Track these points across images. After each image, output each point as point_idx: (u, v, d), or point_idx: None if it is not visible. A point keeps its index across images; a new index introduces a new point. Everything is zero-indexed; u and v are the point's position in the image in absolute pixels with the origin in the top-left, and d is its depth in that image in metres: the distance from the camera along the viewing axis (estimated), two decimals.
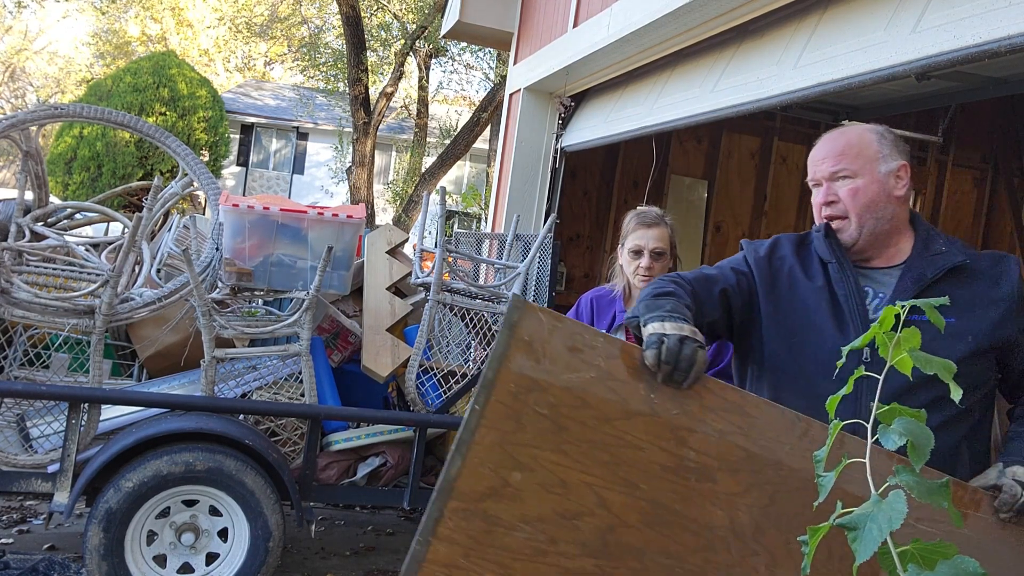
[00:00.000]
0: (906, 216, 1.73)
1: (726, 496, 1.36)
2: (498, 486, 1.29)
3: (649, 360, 1.36)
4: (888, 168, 1.70)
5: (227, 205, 3.36)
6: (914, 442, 0.81)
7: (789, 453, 1.39)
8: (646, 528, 1.33)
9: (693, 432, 1.37)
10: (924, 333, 1.55)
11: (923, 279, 1.64)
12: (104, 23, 26.35)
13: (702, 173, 6.98)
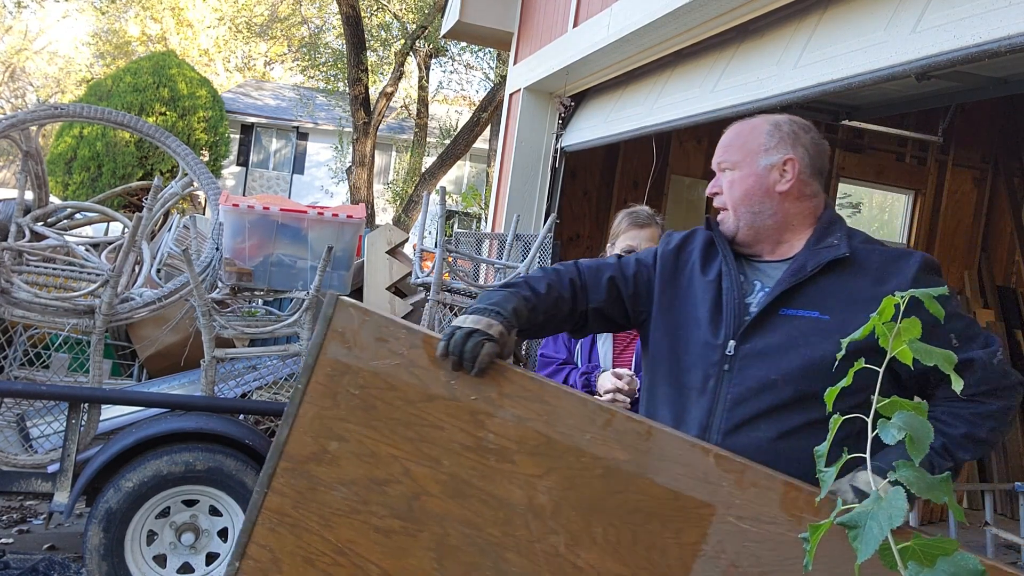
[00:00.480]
0: (803, 211, 1.65)
1: (525, 477, 1.49)
2: (319, 452, 1.54)
3: (438, 351, 1.50)
4: (769, 162, 1.64)
5: (227, 205, 3.36)
6: (913, 436, 0.81)
7: (590, 442, 1.49)
8: (447, 499, 1.51)
9: (491, 416, 1.52)
10: (795, 328, 1.55)
11: (802, 272, 1.58)
12: (104, 23, 26.35)
13: (702, 173, 6.98)
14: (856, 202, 8.02)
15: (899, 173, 7.43)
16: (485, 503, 1.50)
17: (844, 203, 7.75)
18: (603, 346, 2.49)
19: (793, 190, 1.63)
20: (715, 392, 1.59)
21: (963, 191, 7.55)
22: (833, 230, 1.63)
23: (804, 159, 1.64)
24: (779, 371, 1.55)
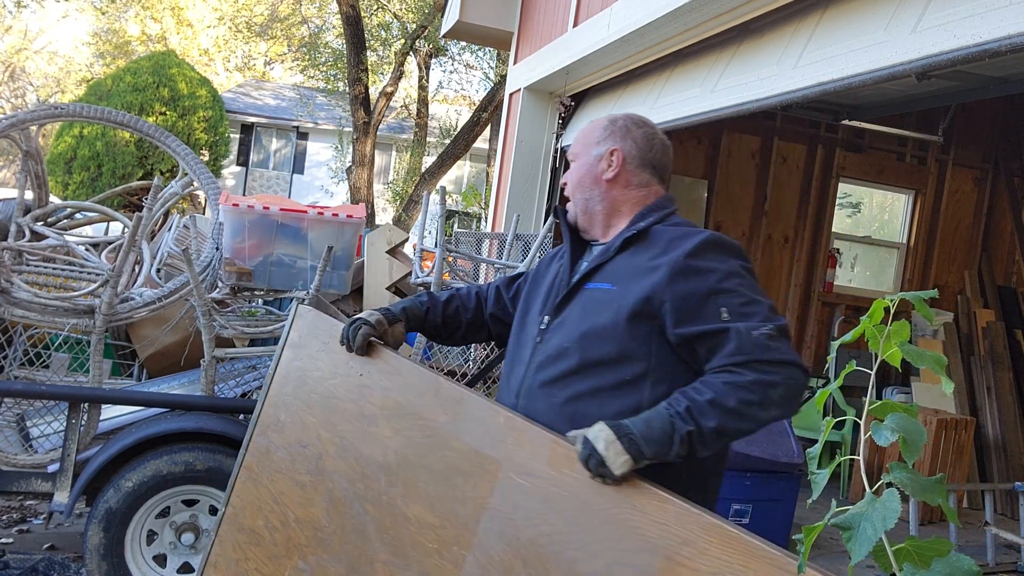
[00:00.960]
0: (630, 198, 1.77)
1: (382, 438, 1.79)
2: (274, 422, 2.03)
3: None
4: (598, 152, 1.79)
5: (227, 205, 3.36)
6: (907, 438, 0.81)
7: (426, 407, 1.74)
8: (337, 458, 1.86)
9: (370, 389, 1.86)
10: (590, 300, 1.68)
11: (609, 251, 1.71)
12: (104, 23, 26.35)
13: (702, 173, 6.98)
14: (856, 202, 8.01)
15: (899, 173, 7.42)
16: (357, 461, 1.82)
17: (844, 203, 7.75)
18: None
19: (619, 178, 1.77)
20: (528, 361, 1.75)
21: (963, 191, 7.54)
22: (649, 215, 1.74)
23: (631, 151, 1.77)
24: (570, 339, 1.68)
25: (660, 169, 1.80)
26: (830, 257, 7.29)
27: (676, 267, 1.58)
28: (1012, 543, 4.70)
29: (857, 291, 7.52)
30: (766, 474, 4.43)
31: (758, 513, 4.46)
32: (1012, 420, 6.24)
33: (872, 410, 0.87)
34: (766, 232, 7.09)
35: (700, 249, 1.60)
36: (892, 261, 7.66)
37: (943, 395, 6.05)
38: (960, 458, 5.55)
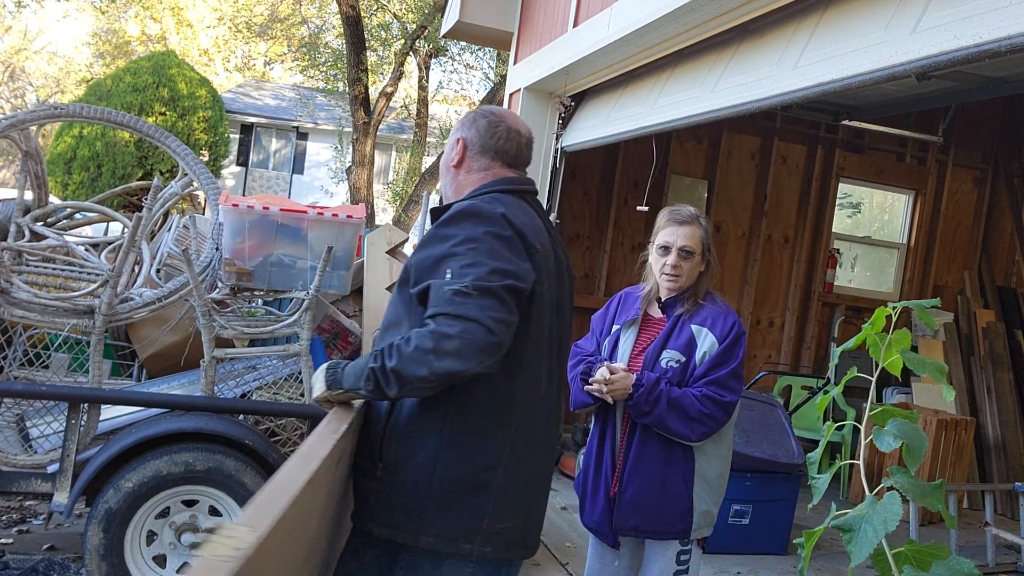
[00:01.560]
0: (471, 182, 1.88)
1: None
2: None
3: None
4: (450, 142, 1.94)
5: (227, 205, 3.36)
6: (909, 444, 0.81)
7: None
8: None
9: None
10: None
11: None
12: (104, 23, 26.34)
13: (702, 173, 6.98)
14: (856, 202, 8.01)
15: (899, 173, 7.42)
16: None
17: (844, 203, 7.75)
18: (624, 344, 2.54)
19: (463, 165, 1.89)
20: None
21: (963, 191, 7.54)
22: (473, 194, 1.83)
23: (473, 139, 1.88)
24: (396, 316, 1.81)
25: (505, 154, 1.89)
26: (830, 257, 7.29)
27: (427, 235, 1.73)
28: (1012, 543, 4.70)
29: (857, 291, 7.52)
30: (766, 474, 4.43)
31: (758, 513, 4.46)
32: (1012, 420, 6.24)
33: (873, 416, 0.87)
34: (766, 232, 7.09)
35: (451, 218, 1.72)
36: (892, 261, 7.66)
37: (943, 396, 6.04)
38: (960, 459, 5.55)
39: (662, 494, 2.39)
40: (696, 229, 2.49)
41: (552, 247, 1.85)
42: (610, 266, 6.72)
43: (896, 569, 0.75)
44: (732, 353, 2.38)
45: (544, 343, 1.78)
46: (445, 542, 1.66)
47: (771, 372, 6.48)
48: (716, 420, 2.33)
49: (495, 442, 1.69)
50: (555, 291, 1.82)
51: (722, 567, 4.30)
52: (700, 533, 2.47)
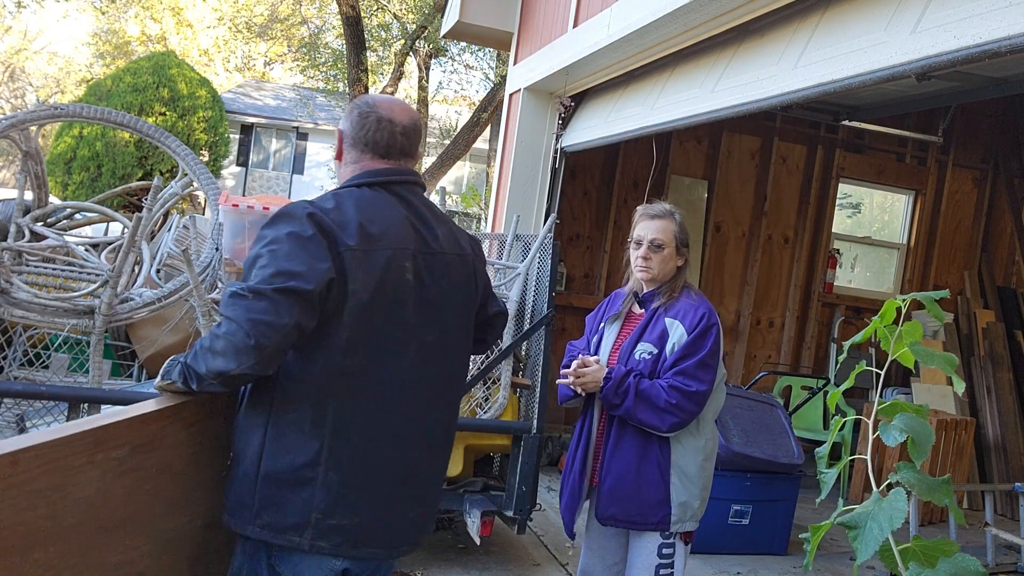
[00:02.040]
0: (345, 173, 1.91)
1: None
2: None
3: None
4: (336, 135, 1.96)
5: (227, 205, 3.36)
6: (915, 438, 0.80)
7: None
8: None
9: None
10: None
11: None
12: (104, 23, 26.34)
13: (702, 173, 6.98)
14: (856, 202, 8.01)
15: (899, 173, 7.42)
16: None
17: (844, 203, 7.75)
18: (606, 339, 2.63)
19: (342, 157, 1.91)
20: None
21: (963, 191, 7.54)
22: (338, 188, 1.88)
23: (347, 131, 1.89)
24: None
25: (376, 145, 1.86)
26: (830, 258, 7.29)
27: (255, 237, 1.79)
28: (1012, 543, 4.70)
29: (857, 291, 7.52)
30: (766, 474, 4.43)
31: (758, 513, 4.46)
32: (1012, 421, 6.24)
33: (881, 410, 0.87)
34: (766, 232, 7.09)
35: (271, 219, 1.79)
36: (892, 261, 7.66)
37: (943, 396, 6.04)
38: (960, 459, 5.55)
39: (638, 484, 2.43)
40: (668, 223, 2.55)
41: (426, 240, 1.82)
42: (610, 266, 6.72)
43: (903, 565, 0.74)
44: (700, 344, 2.41)
45: (394, 338, 1.75)
46: (273, 533, 1.69)
47: (771, 372, 6.48)
48: (685, 410, 2.37)
49: (313, 439, 1.69)
50: (421, 286, 1.79)
51: (722, 567, 4.30)
52: (682, 527, 2.46)
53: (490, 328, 2.10)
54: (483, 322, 2.05)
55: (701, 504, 2.49)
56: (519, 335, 3.78)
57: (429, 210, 1.89)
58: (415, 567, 3.84)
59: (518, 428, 3.63)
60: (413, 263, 1.77)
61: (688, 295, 2.54)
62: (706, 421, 2.48)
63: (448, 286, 1.85)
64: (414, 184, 1.89)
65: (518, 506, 3.58)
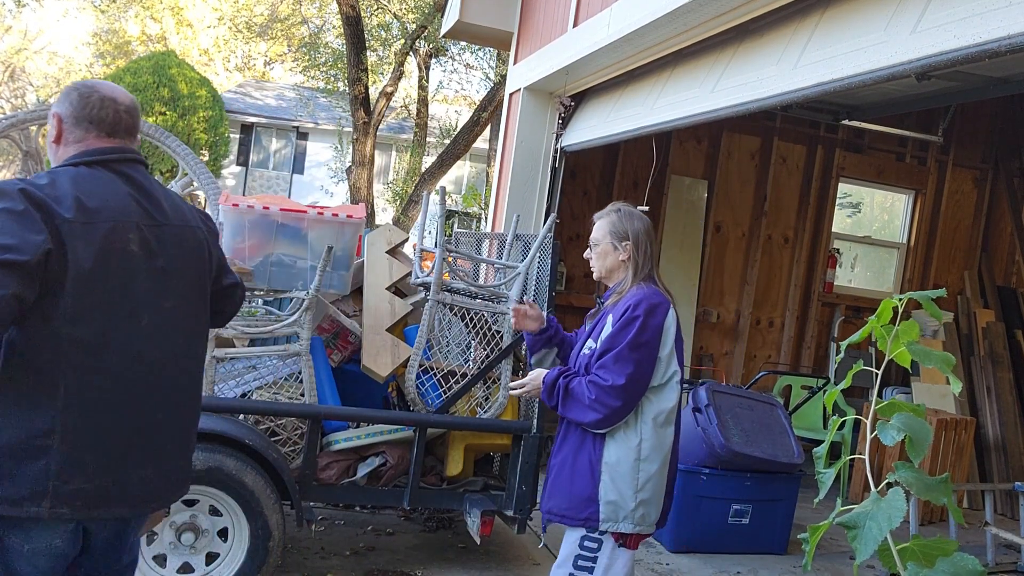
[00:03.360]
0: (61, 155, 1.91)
1: None
2: None
3: None
4: (49, 121, 1.94)
5: (227, 205, 3.36)
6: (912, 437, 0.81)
7: None
8: None
9: None
10: None
11: None
12: (104, 23, 26.34)
13: (702, 173, 6.98)
14: (856, 202, 8.01)
15: (899, 173, 7.43)
16: None
17: (844, 203, 7.75)
18: (579, 339, 2.66)
19: (61, 139, 1.90)
20: None
21: (963, 191, 7.55)
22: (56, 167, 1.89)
23: (67, 112, 1.89)
24: None
25: (101, 123, 1.90)
26: (830, 257, 7.30)
27: None
28: (1012, 543, 4.70)
29: (857, 291, 7.52)
30: (766, 474, 4.43)
31: (758, 513, 4.46)
32: (1012, 420, 6.24)
33: (879, 409, 0.87)
34: (766, 232, 7.09)
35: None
36: (892, 261, 7.66)
37: (942, 395, 6.05)
38: (960, 458, 5.55)
39: (571, 479, 2.42)
40: (604, 220, 2.56)
41: (150, 213, 1.88)
42: None
43: (902, 565, 0.75)
44: (619, 336, 2.36)
45: (122, 307, 1.80)
46: (11, 507, 1.71)
47: (771, 372, 6.48)
48: (605, 405, 2.32)
49: (45, 409, 1.73)
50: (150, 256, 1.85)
51: (722, 567, 4.30)
52: (614, 526, 2.37)
53: (227, 299, 2.18)
54: (219, 293, 2.12)
55: (640, 507, 2.38)
56: (519, 335, 3.78)
57: (152, 186, 1.95)
58: (415, 567, 3.84)
59: (518, 428, 3.63)
60: (139, 235, 1.83)
61: (639, 288, 2.46)
62: (644, 421, 2.39)
63: (180, 256, 1.92)
64: (135, 162, 1.94)
65: (518, 506, 3.58)
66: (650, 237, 2.56)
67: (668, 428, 2.43)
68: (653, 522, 2.42)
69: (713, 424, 4.30)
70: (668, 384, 2.41)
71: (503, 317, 3.72)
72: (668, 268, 6.72)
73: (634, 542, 2.43)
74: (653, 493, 2.40)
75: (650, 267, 2.52)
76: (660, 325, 2.40)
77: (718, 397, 4.48)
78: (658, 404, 2.40)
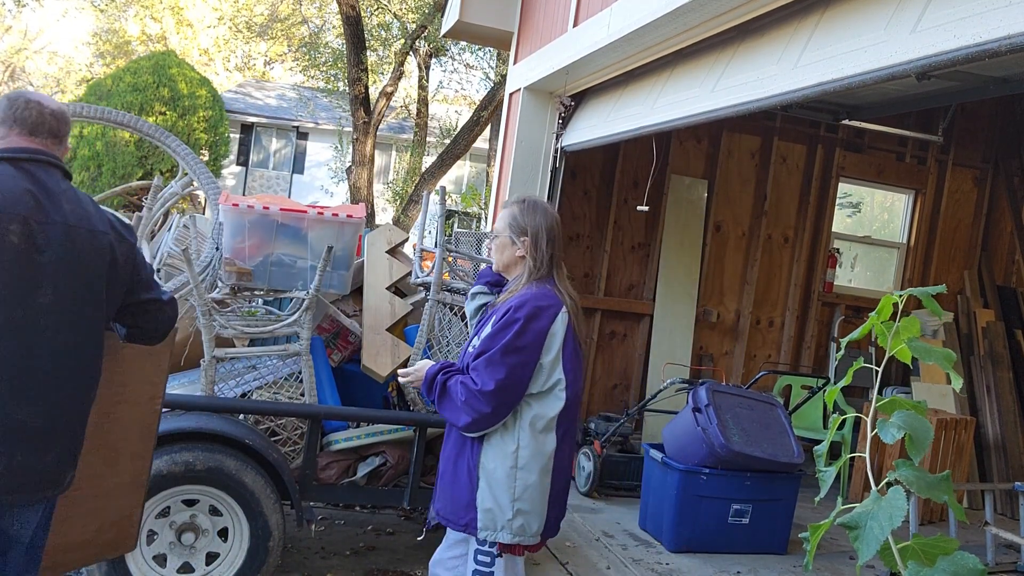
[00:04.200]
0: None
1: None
2: None
3: None
4: None
5: (227, 205, 3.36)
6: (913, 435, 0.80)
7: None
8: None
9: None
10: None
11: None
12: (104, 22, 26.34)
13: (702, 173, 6.98)
14: (856, 202, 8.01)
15: (899, 173, 7.43)
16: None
17: (844, 203, 7.75)
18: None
19: None
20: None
21: (963, 191, 7.54)
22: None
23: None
24: None
25: (24, 122, 2.01)
26: (830, 257, 7.29)
27: None
28: (1012, 543, 4.70)
29: (857, 291, 7.52)
30: (766, 474, 4.43)
31: (758, 513, 4.46)
32: (1012, 420, 6.24)
33: (880, 407, 0.87)
34: (766, 232, 7.09)
35: None
36: (892, 261, 7.66)
37: (942, 395, 6.05)
38: (960, 458, 5.55)
39: (453, 482, 2.36)
40: (506, 212, 2.48)
41: (45, 210, 1.93)
42: (610, 266, 6.72)
43: (902, 564, 0.75)
44: (495, 339, 2.26)
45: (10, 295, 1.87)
46: None
47: (771, 371, 6.48)
48: (475, 409, 2.23)
49: None
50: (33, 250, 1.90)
51: (722, 567, 4.30)
52: (495, 536, 2.28)
53: (143, 315, 2.20)
54: (133, 307, 2.16)
55: (518, 516, 2.27)
56: None
57: (58, 187, 2.00)
58: (415, 567, 3.84)
59: None
60: (23, 228, 1.89)
61: (529, 288, 2.34)
62: (523, 427, 2.28)
63: (70, 255, 1.96)
64: (49, 164, 2.01)
65: None
66: (552, 234, 2.43)
67: (548, 435, 2.30)
68: (535, 533, 2.31)
69: (713, 424, 4.30)
70: (551, 392, 2.30)
71: None
72: (668, 268, 6.73)
73: (518, 551, 2.33)
74: (532, 503, 2.28)
75: (549, 267, 2.39)
76: (544, 329, 2.27)
77: (718, 397, 4.48)
78: (539, 411, 2.29)
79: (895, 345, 0.88)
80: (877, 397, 0.88)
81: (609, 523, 4.82)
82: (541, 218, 2.45)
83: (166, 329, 2.29)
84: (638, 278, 6.82)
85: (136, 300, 2.15)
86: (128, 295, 2.12)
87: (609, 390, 6.76)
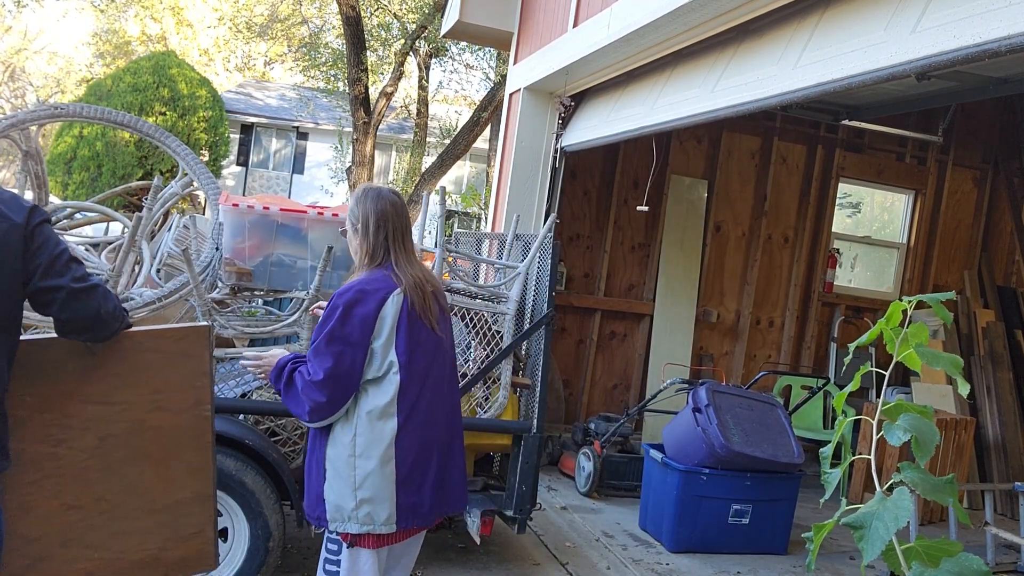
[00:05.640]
0: None
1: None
2: None
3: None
4: None
5: (227, 205, 3.36)
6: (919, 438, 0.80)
7: None
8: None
9: None
10: None
11: None
12: (104, 23, 26.34)
13: (702, 173, 6.98)
14: (856, 202, 8.01)
15: (899, 173, 7.43)
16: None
17: (844, 203, 7.75)
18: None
19: None
20: None
21: (963, 191, 7.55)
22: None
23: None
24: None
25: None
26: (830, 257, 7.29)
27: None
28: (1012, 543, 4.70)
29: (857, 291, 7.52)
30: (766, 474, 4.43)
31: (758, 513, 4.46)
32: (1012, 420, 6.24)
33: (886, 410, 0.87)
34: (766, 232, 7.09)
35: None
36: (892, 261, 7.66)
37: (942, 396, 6.05)
38: (960, 458, 5.55)
39: (309, 476, 2.35)
40: (349, 204, 2.44)
41: None
42: (610, 266, 6.72)
43: (906, 565, 0.74)
44: (321, 328, 2.25)
45: None
46: None
47: (771, 372, 6.48)
48: (311, 398, 2.21)
49: None
50: None
51: (722, 567, 4.30)
52: (342, 527, 2.26)
53: (51, 304, 2.02)
54: (37, 293, 2.01)
55: (362, 505, 2.24)
56: (519, 335, 3.78)
57: None
58: (415, 566, 3.84)
59: (518, 428, 3.63)
60: None
61: (362, 275, 2.32)
62: (360, 415, 2.25)
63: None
64: None
65: (518, 505, 3.58)
66: (385, 219, 2.34)
67: (387, 421, 2.25)
68: (384, 521, 2.25)
69: (713, 424, 4.30)
70: (386, 376, 2.25)
71: (503, 317, 3.72)
72: (668, 268, 6.73)
73: (371, 541, 2.27)
74: (376, 491, 2.23)
75: (387, 253, 2.33)
76: (369, 314, 2.22)
77: (718, 397, 4.48)
78: (374, 396, 2.25)
79: (903, 351, 0.88)
80: (884, 401, 0.88)
81: (609, 523, 4.82)
82: (371, 204, 2.35)
83: (92, 323, 2.06)
84: (638, 278, 6.82)
85: (36, 287, 1.98)
86: (30, 283, 1.98)
87: (609, 390, 6.76)
